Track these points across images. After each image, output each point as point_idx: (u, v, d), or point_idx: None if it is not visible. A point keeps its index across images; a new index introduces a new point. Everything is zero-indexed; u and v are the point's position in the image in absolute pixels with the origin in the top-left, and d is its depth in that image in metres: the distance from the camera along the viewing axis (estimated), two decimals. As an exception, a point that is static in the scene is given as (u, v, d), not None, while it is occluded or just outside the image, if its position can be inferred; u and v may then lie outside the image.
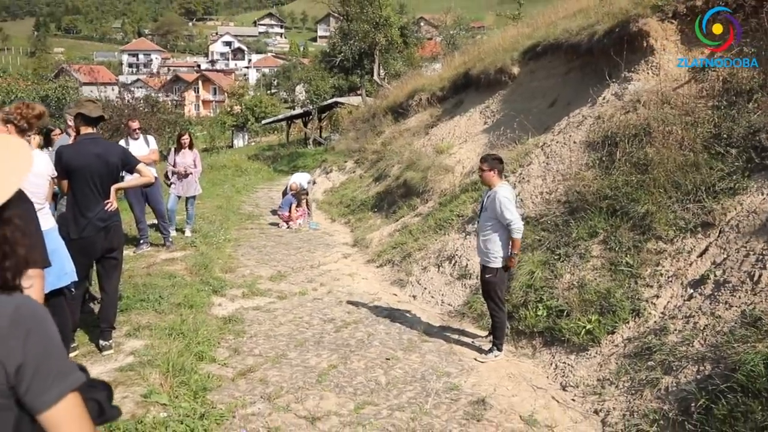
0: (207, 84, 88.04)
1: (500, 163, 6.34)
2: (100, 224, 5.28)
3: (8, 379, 1.31)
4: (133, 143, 9.28)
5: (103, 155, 5.29)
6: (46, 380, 1.34)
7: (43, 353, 1.35)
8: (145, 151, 9.28)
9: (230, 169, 25.48)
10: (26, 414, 1.35)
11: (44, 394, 1.34)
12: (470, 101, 14.77)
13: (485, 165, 6.22)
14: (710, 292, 5.45)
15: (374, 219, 13.35)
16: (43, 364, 1.35)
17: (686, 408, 4.51)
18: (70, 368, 1.42)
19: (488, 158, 6.31)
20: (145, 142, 9.51)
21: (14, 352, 1.31)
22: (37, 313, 1.39)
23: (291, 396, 5.15)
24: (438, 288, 8.47)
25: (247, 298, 8.00)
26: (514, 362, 6.25)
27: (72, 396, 1.39)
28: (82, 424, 1.41)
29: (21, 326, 1.33)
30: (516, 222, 6.00)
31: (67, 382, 1.38)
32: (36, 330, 1.36)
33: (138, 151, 8.86)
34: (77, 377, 1.41)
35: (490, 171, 6.20)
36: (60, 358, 1.40)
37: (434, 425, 4.77)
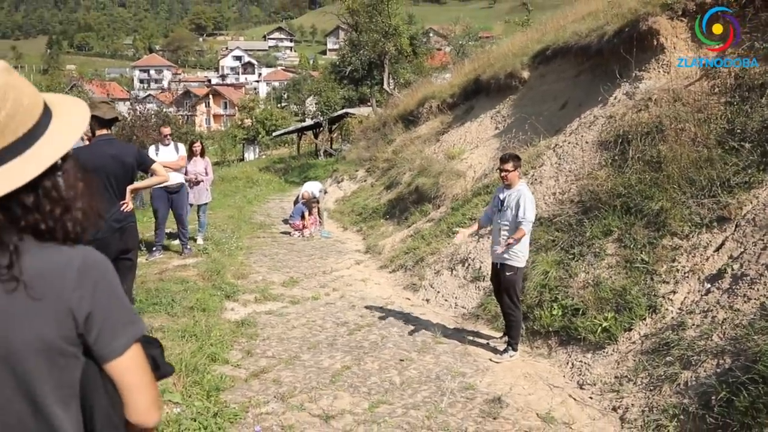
0: (217, 98, 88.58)
1: (520, 161, 6.37)
2: (116, 225, 5.28)
3: (77, 328, 1.32)
4: (164, 149, 9.50)
5: (118, 156, 5.30)
6: (115, 328, 1.37)
7: (111, 302, 1.38)
8: (175, 157, 9.45)
9: (241, 181, 25.58)
10: (93, 364, 1.37)
11: (113, 341, 1.37)
12: (481, 107, 14.74)
13: (509, 165, 6.17)
14: (728, 285, 5.37)
15: (386, 226, 13.31)
16: (111, 313, 1.37)
17: (707, 401, 4.43)
18: (135, 317, 1.44)
19: (511, 157, 6.28)
20: (175, 149, 9.65)
21: (84, 301, 1.32)
22: (103, 263, 1.41)
23: (304, 396, 5.11)
24: (451, 291, 8.41)
25: (259, 303, 7.98)
26: (529, 362, 6.18)
27: (137, 345, 1.41)
28: (147, 373, 1.44)
29: (89, 276, 1.35)
30: (531, 223, 6.09)
31: (135, 329, 1.41)
32: (103, 280, 1.38)
33: (168, 156, 9.16)
34: (142, 326, 1.44)
35: (515, 170, 6.19)
36: (126, 307, 1.42)
37: (450, 423, 4.72)
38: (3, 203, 1.28)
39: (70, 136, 1.39)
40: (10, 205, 1.29)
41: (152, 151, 9.29)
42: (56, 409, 1.31)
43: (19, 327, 1.27)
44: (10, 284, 1.27)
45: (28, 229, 1.32)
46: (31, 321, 1.28)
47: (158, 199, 9.50)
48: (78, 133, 1.42)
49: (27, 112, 1.32)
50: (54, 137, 1.36)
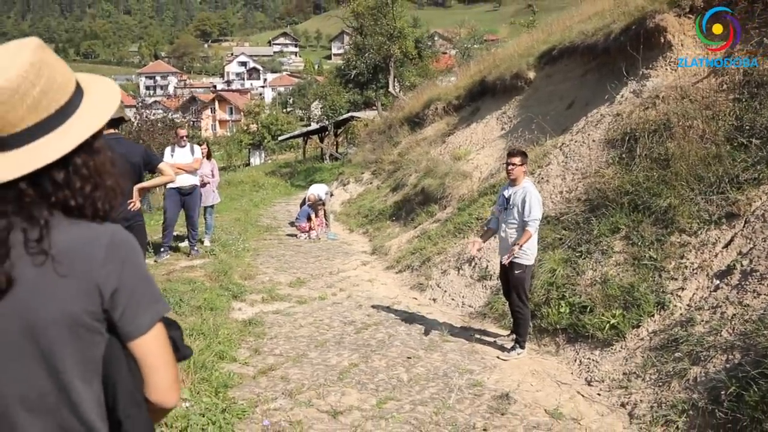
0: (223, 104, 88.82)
1: (527, 157, 6.38)
2: (124, 224, 5.23)
3: (103, 303, 1.33)
4: (179, 150, 9.50)
5: (126, 155, 5.31)
6: (140, 305, 1.38)
7: (137, 279, 1.39)
8: (190, 159, 9.47)
9: (247, 185, 25.62)
10: (117, 342, 1.37)
11: (138, 318, 1.38)
12: (487, 108, 14.73)
13: (517, 159, 6.17)
14: (737, 281, 5.34)
15: (392, 227, 13.31)
16: (137, 290, 1.38)
17: (716, 397, 4.40)
18: (160, 296, 1.45)
19: (519, 152, 6.29)
20: (190, 151, 9.66)
21: (111, 277, 1.33)
22: (131, 241, 1.42)
23: (312, 392, 5.11)
24: (458, 290, 8.40)
25: (266, 303, 7.98)
26: (537, 359, 6.16)
27: (160, 325, 1.42)
28: (169, 352, 1.46)
29: (117, 253, 1.36)
30: (538, 221, 6.08)
31: (158, 308, 1.42)
32: (131, 257, 1.39)
33: (183, 158, 9.21)
34: (166, 305, 1.45)
35: (521, 165, 6.18)
36: (152, 286, 1.43)
37: (458, 419, 4.70)
38: (34, 179, 1.30)
39: (101, 115, 1.42)
40: (41, 180, 1.31)
41: (167, 153, 9.31)
42: (78, 385, 1.32)
43: (46, 300, 1.28)
44: (38, 258, 1.28)
45: (58, 205, 1.34)
46: (58, 295, 1.29)
47: (170, 199, 9.50)
48: (109, 112, 1.44)
49: (60, 90, 1.34)
50: (85, 115, 1.38)
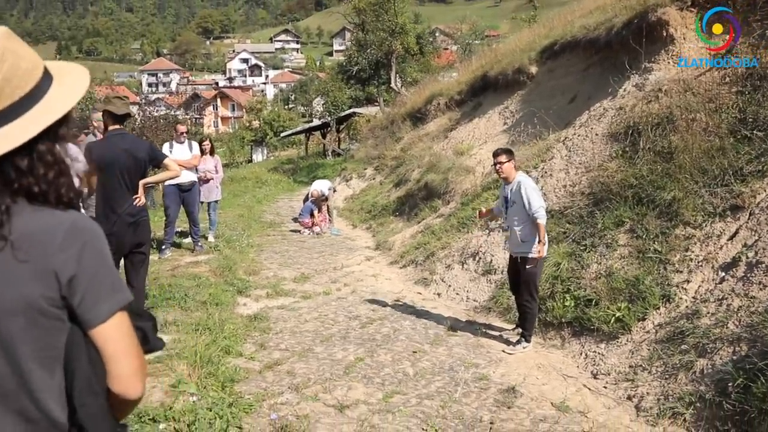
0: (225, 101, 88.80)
1: (513, 154, 6.40)
2: (130, 219, 5.31)
3: (61, 289, 1.32)
4: (178, 147, 9.46)
5: (131, 150, 5.32)
6: (99, 293, 1.36)
7: (96, 267, 1.37)
8: (188, 156, 9.41)
9: (250, 181, 25.63)
10: (79, 330, 1.36)
11: (96, 306, 1.36)
12: (489, 103, 14.72)
13: (503, 157, 6.21)
14: (743, 273, 5.34)
15: (396, 223, 13.32)
16: (96, 278, 1.36)
17: (723, 388, 4.40)
18: (121, 285, 1.43)
19: (502, 151, 6.36)
20: (189, 147, 9.65)
21: (69, 263, 1.32)
22: (93, 229, 1.41)
23: (319, 386, 5.12)
24: (462, 285, 8.40)
25: (271, 298, 7.99)
26: (542, 353, 6.17)
27: (122, 314, 1.40)
28: (131, 342, 1.43)
29: (77, 239, 1.35)
30: (543, 208, 6.05)
31: (119, 297, 1.40)
32: (91, 244, 1.37)
33: (182, 155, 9.10)
34: (127, 295, 1.43)
35: (508, 162, 6.20)
36: (113, 275, 1.41)
37: (464, 412, 4.71)
38: None
39: (67, 101, 1.40)
40: (4, 167, 1.31)
41: (166, 149, 9.29)
42: (37, 372, 1.31)
43: (4, 286, 1.28)
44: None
45: (21, 191, 1.33)
46: (15, 280, 1.28)
47: (170, 196, 9.48)
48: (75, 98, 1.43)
49: (25, 77, 1.34)
50: (51, 102, 1.37)
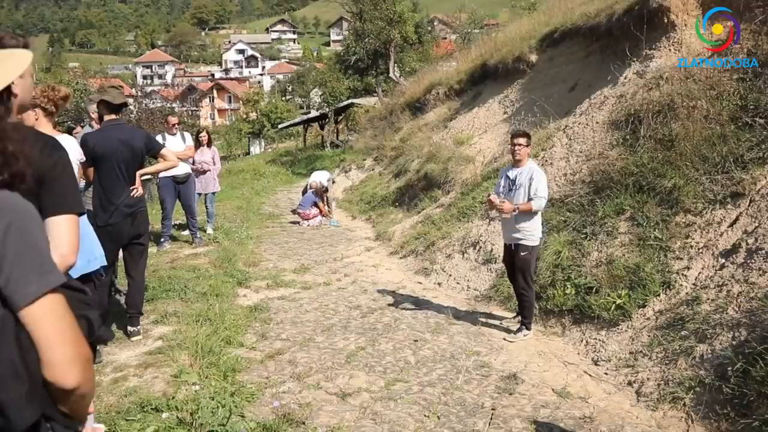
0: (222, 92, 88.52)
1: (530, 139, 6.40)
2: (127, 210, 5.29)
3: None
4: (170, 138, 9.38)
5: (127, 141, 5.30)
6: (26, 274, 1.32)
7: (24, 246, 1.34)
8: (182, 147, 9.33)
9: (248, 173, 25.57)
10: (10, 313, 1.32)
11: (24, 287, 1.31)
12: (488, 92, 14.68)
13: (523, 140, 6.17)
14: (743, 260, 5.35)
15: (396, 213, 13.30)
16: (22, 258, 1.33)
17: (723, 373, 4.42)
18: (51, 267, 1.39)
19: (525, 133, 6.33)
20: (181, 139, 9.59)
21: None
22: (23, 208, 1.38)
23: (320, 375, 5.13)
24: (463, 274, 8.41)
25: (271, 289, 8.00)
26: (543, 341, 6.18)
27: (55, 296, 1.36)
28: (64, 326, 1.37)
29: (2, 218, 1.32)
30: (545, 201, 6.08)
31: (49, 278, 1.36)
32: (19, 223, 1.34)
33: (174, 146, 9.00)
34: (58, 277, 1.38)
35: (527, 147, 6.19)
36: (42, 256, 1.38)
37: (466, 399, 4.72)
38: None
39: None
40: None
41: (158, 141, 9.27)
42: None
43: None
44: None
45: None
46: None
47: (166, 189, 9.45)
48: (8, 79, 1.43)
49: None
50: None
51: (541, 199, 5.98)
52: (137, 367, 4.81)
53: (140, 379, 4.57)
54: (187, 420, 3.83)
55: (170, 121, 9.83)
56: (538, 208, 6.03)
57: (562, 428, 4.19)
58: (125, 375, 4.65)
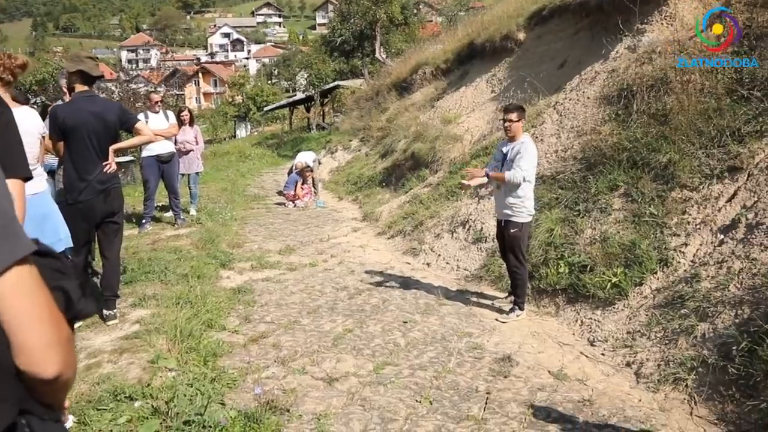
0: (207, 76, 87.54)
1: (524, 112, 6.12)
2: (100, 187, 5.00)
3: None
4: (153, 117, 9.00)
5: (100, 114, 4.99)
6: None
7: None
8: (165, 126, 8.95)
9: (234, 156, 25.21)
10: None
11: None
12: (476, 71, 14.42)
13: (514, 115, 5.90)
14: (743, 235, 5.17)
15: (383, 194, 13.07)
16: None
17: (727, 352, 4.24)
18: (18, 234, 1.12)
19: (515, 108, 6.03)
20: (164, 117, 9.23)
21: None
22: None
23: (306, 359, 4.90)
24: (452, 254, 8.20)
25: (255, 271, 7.75)
26: (536, 321, 5.99)
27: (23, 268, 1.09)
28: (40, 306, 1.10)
29: None
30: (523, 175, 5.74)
31: (14, 247, 1.09)
32: None
33: (157, 125, 8.64)
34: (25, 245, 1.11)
35: (519, 121, 5.92)
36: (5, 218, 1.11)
37: (459, 383, 4.52)
38: None
39: None
40: None
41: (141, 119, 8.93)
42: None
43: None
44: None
45: None
46: None
47: (149, 168, 9.12)
48: None
49: None
50: None
51: (518, 170, 5.70)
52: (112, 352, 4.55)
53: (115, 366, 4.31)
54: (163, 409, 3.59)
55: (153, 99, 9.46)
56: (511, 178, 5.72)
57: (561, 412, 3.99)
58: (99, 361, 4.38)
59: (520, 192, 5.80)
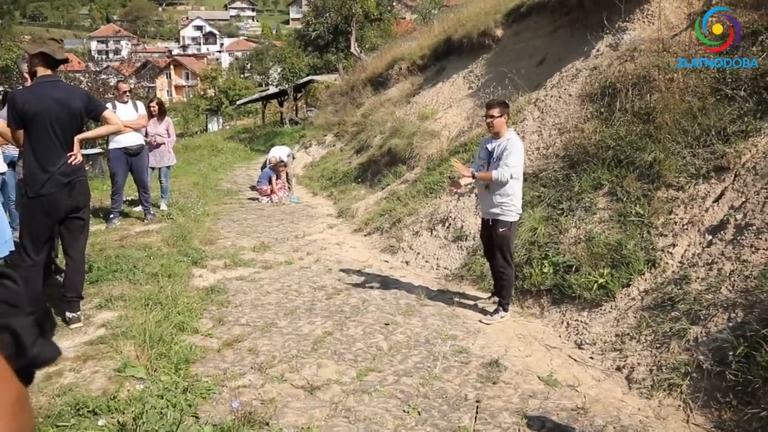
0: (179, 69, 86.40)
1: (508, 108, 5.91)
2: (63, 180, 4.68)
3: None
4: (121, 107, 8.58)
5: (64, 100, 4.66)
6: None
7: None
8: (134, 116, 8.60)
9: (206, 149, 24.68)
10: None
11: None
12: (453, 67, 14.26)
13: (496, 111, 5.70)
14: (732, 236, 5.06)
15: (358, 190, 12.85)
16: None
17: (722, 357, 4.11)
18: None
19: (497, 103, 5.83)
20: (133, 107, 8.84)
21: None
22: None
23: (285, 365, 4.66)
24: (432, 252, 8.01)
25: (229, 269, 7.47)
26: (521, 322, 5.82)
27: None
28: None
29: None
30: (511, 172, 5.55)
31: None
32: None
33: (126, 115, 8.26)
34: None
35: (501, 117, 5.72)
36: None
37: (447, 390, 4.32)
38: None
39: None
40: None
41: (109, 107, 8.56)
42: None
43: None
44: None
45: None
46: None
47: (116, 161, 8.74)
48: None
49: None
50: None
51: (505, 168, 5.50)
52: (75, 360, 4.25)
53: (77, 375, 4.00)
54: (130, 426, 3.31)
55: (121, 88, 9.02)
56: (498, 177, 5.51)
57: (556, 422, 3.81)
58: (60, 370, 4.06)
59: (509, 190, 5.62)
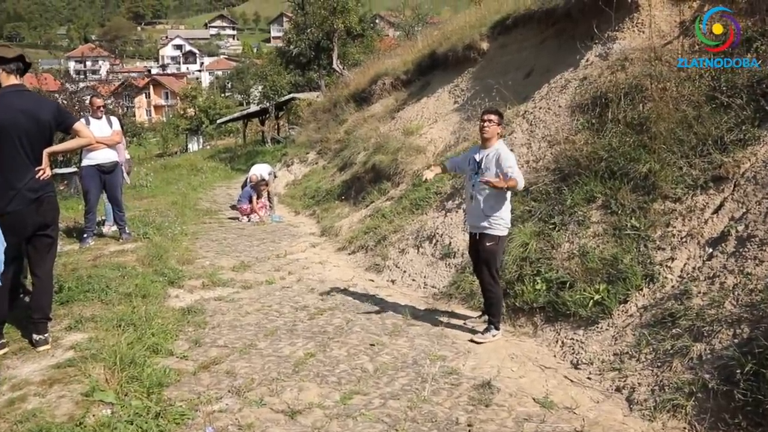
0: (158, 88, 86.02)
1: (503, 119, 5.75)
2: (31, 195, 4.39)
3: None
4: (95, 123, 8.23)
5: (32, 111, 4.39)
6: None
7: None
8: (108, 132, 8.32)
9: (185, 169, 24.34)
10: None
11: None
12: (438, 82, 14.08)
13: (494, 117, 5.50)
14: (733, 249, 4.85)
15: (342, 208, 12.57)
16: None
17: (729, 376, 3.87)
18: None
19: (495, 111, 5.67)
20: (108, 123, 8.52)
21: None
22: None
23: (264, 388, 4.36)
24: (419, 270, 7.74)
25: (207, 289, 7.16)
26: (514, 342, 5.56)
27: None
28: None
29: None
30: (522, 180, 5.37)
31: None
32: None
33: (100, 131, 7.98)
34: None
35: (498, 125, 5.51)
36: None
37: (437, 413, 4.03)
38: None
39: None
40: None
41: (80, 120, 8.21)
42: None
43: None
44: None
45: None
46: None
47: (89, 179, 8.36)
48: None
49: None
50: None
51: (515, 172, 5.25)
52: (40, 384, 3.94)
53: (42, 400, 3.70)
54: (93, 457, 3.02)
55: (95, 103, 8.69)
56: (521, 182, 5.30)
57: (558, 448, 3.55)
58: (24, 394, 3.76)
59: (499, 202, 5.38)
